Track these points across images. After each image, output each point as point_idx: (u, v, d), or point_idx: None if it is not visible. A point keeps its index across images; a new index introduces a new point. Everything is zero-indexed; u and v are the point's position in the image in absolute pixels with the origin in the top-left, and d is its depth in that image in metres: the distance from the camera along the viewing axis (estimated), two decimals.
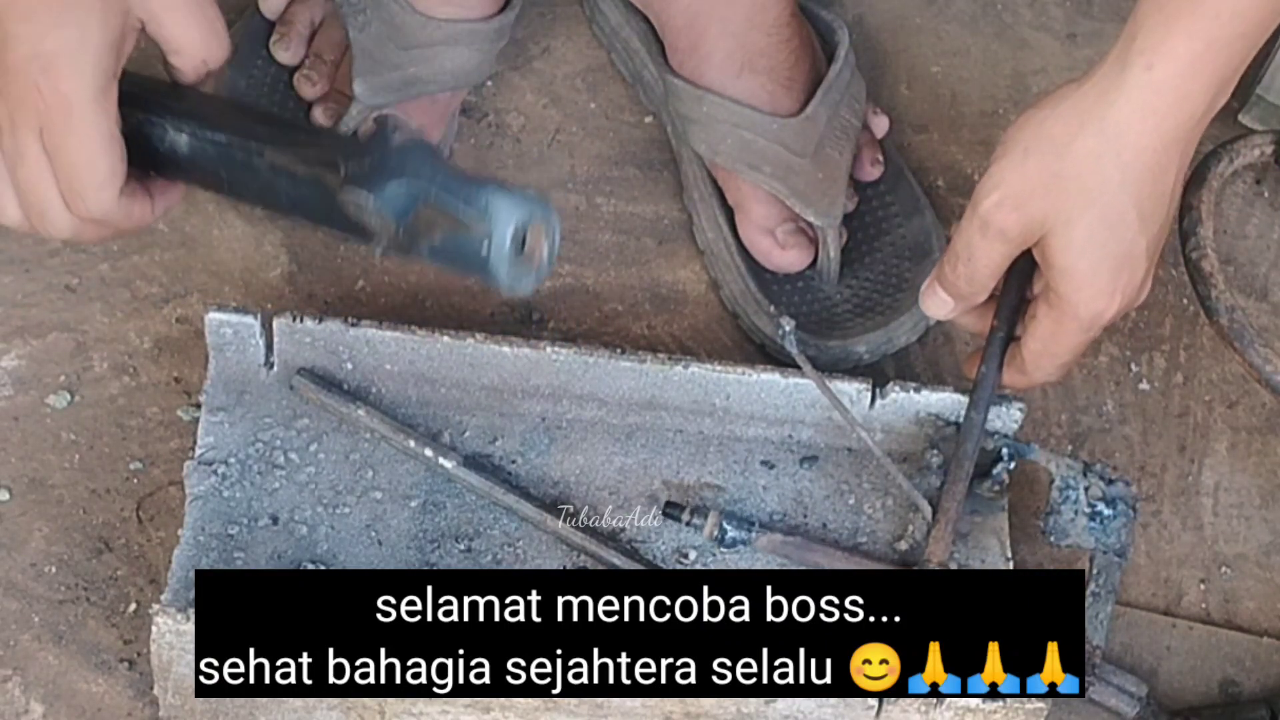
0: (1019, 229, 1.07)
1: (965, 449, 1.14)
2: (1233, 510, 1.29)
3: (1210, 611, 1.25)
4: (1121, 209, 1.05)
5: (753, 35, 1.30)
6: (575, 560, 1.16)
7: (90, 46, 1.01)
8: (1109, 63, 1.05)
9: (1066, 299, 1.08)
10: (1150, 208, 1.06)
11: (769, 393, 1.20)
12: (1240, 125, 1.44)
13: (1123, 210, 1.05)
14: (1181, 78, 1.04)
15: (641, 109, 1.40)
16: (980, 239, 1.08)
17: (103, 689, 1.13)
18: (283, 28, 1.33)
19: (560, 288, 1.32)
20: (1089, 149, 1.05)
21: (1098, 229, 1.06)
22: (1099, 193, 1.05)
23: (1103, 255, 1.06)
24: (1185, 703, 1.21)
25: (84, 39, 1.01)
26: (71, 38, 1.01)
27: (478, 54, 1.31)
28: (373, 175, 1.02)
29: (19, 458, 1.20)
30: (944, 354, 1.32)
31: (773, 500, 1.20)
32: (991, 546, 1.19)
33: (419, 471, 1.18)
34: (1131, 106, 1.04)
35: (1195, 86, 1.04)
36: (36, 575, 1.16)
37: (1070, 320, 1.09)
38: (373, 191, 1.01)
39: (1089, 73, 1.06)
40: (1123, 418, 1.31)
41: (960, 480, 1.14)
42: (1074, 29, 1.47)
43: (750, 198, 1.30)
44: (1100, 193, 1.05)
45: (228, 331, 1.17)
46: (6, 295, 1.25)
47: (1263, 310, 1.37)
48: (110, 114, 1.03)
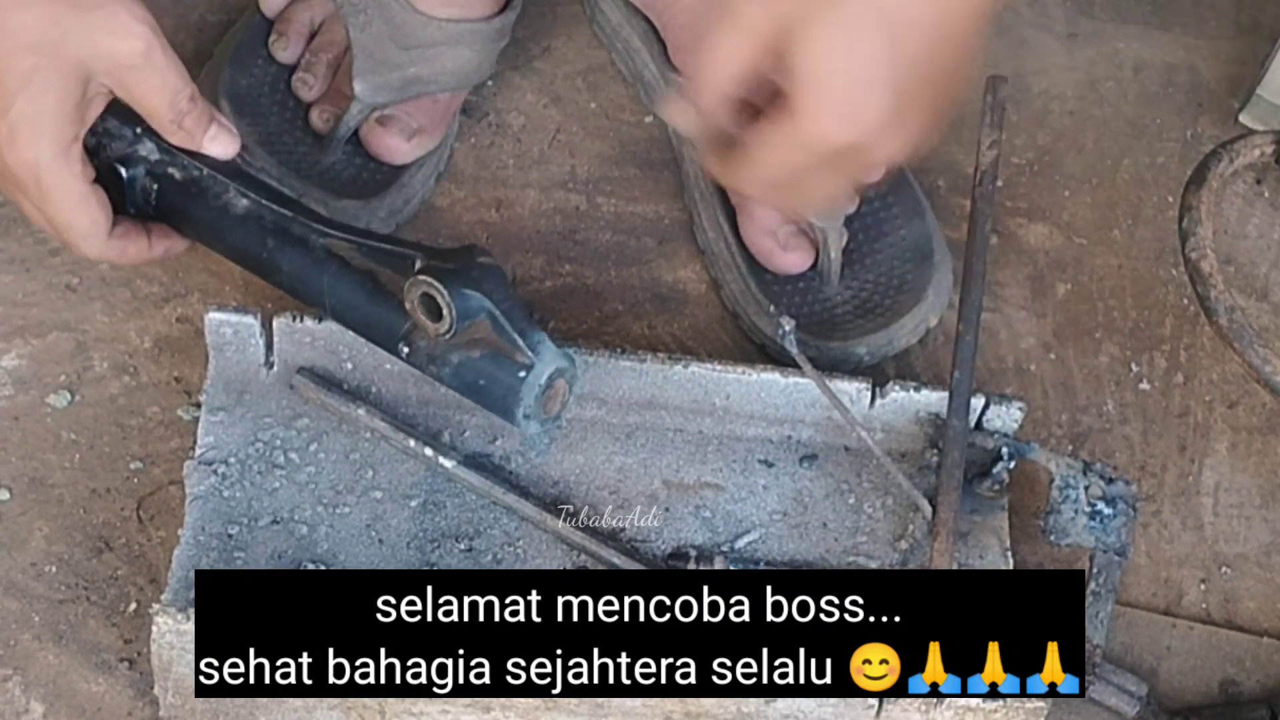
0: (764, 24, 1.01)
1: (953, 457, 1.14)
2: (1233, 510, 1.29)
3: (1210, 611, 1.25)
4: (866, 26, 0.99)
5: None
6: (575, 560, 1.16)
7: (46, 116, 1.08)
8: None
9: (793, 108, 1.01)
10: (907, 39, 0.99)
11: (769, 392, 1.20)
12: (1240, 125, 1.44)
13: (867, 29, 0.99)
14: None
15: (642, 109, 1.40)
16: (725, 30, 1.03)
17: (103, 689, 1.13)
18: (281, 26, 1.33)
19: (560, 287, 1.32)
20: None
21: (835, 39, 0.99)
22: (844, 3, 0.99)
23: (842, 68, 0.99)
24: (1185, 703, 1.21)
25: (40, 109, 1.08)
26: (29, 109, 1.08)
27: (478, 54, 1.31)
28: (450, 275, 1.08)
29: (19, 457, 1.20)
30: (944, 354, 1.32)
31: (773, 500, 1.20)
32: (991, 546, 1.19)
33: (419, 471, 1.18)
34: None
35: None
36: (37, 575, 1.16)
37: (791, 132, 1.01)
38: (449, 287, 1.07)
39: None
40: (1123, 417, 1.31)
41: (953, 490, 1.13)
42: (1074, 29, 1.47)
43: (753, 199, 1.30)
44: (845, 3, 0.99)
45: (228, 331, 1.17)
46: (7, 295, 1.25)
47: (1263, 310, 1.37)
48: (75, 173, 1.11)
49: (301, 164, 1.30)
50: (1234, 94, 1.47)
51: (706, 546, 1.18)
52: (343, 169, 1.31)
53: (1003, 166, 1.41)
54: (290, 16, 1.33)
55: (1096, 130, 1.44)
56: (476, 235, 1.33)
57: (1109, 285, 1.37)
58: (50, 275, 1.26)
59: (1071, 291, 1.37)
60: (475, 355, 1.09)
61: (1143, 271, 1.38)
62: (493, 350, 1.09)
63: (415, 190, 1.32)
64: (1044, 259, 1.38)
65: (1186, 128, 1.45)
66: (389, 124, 1.30)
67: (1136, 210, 1.41)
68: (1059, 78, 1.46)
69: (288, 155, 1.29)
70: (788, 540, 1.18)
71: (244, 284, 1.28)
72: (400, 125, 1.30)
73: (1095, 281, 1.37)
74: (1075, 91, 1.46)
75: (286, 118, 1.31)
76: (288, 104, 1.32)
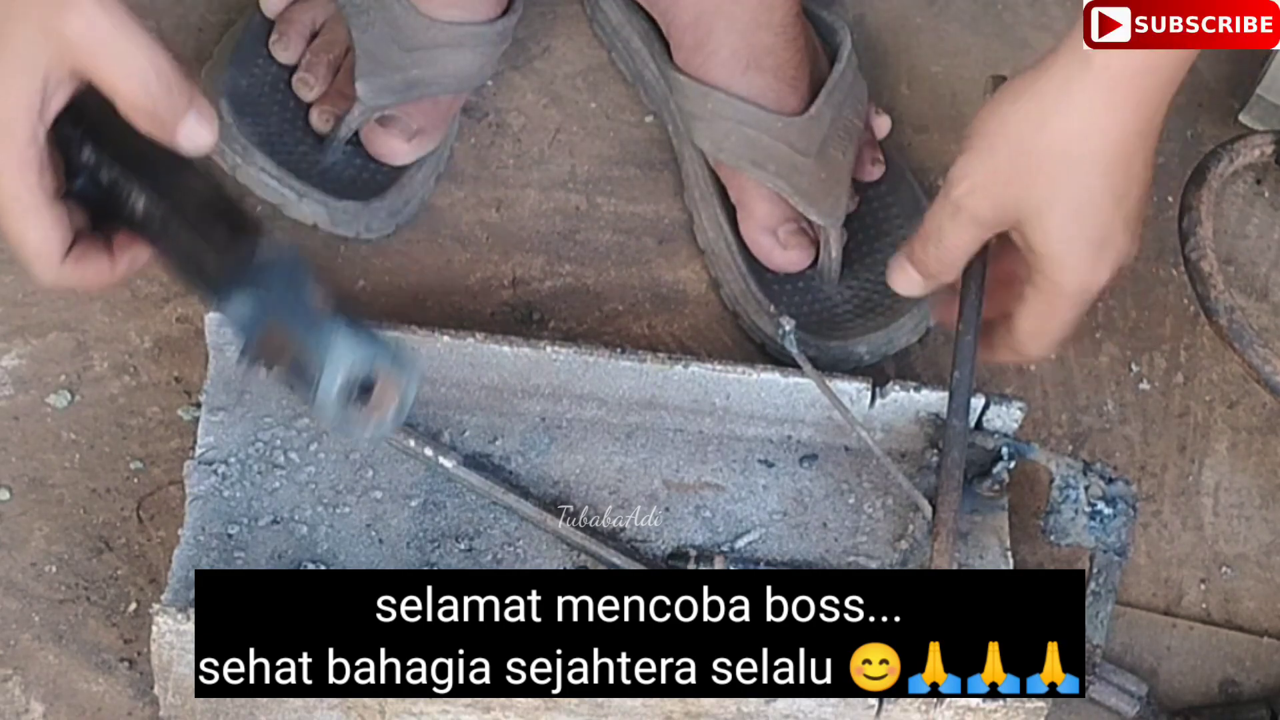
0: (992, 214, 1.09)
1: (953, 457, 1.14)
2: (1233, 510, 1.29)
3: (1210, 611, 1.25)
4: (1092, 192, 1.07)
5: (759, 33, 1.30)
6: (575, 560, 1.16)
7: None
8: (1065, 51, 1.06)
9: (1051, 279, 1.09)
10: (1123, 186, 1.07)
11: (769, 392, 1.20)
12: (1240, 125, 1.44)
13: (1094, 193, 1.07)
14: (1136, 72, 1.05)
15: (642, 108, 1.40)
16: (951, 223, 1.10)
17: (103, 689, 1.13)
18: (282, 26, 1.33)
19: (560, 287, 1.32)
20: (1055, 139, 1.06)
21: (1072, 213, 1.07)
22: (1068, 179, 1.06)
23: (1080, 236, 1.08)
24: (1185, 703, 1.21)
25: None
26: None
27: (480, 57, 1.31)
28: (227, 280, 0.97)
29: (19, 457, 1.20)
30: (944, 354, 1.32)
31: (773, 500, 1.20)
32: (991, 546, 1.19)
33: (419, 471, 1.18)
34: (1090, 99, 1.05)
35: (1150, 80, 1.06)
36: (37, 575, 1.16)
37: (1058, 298, 1.10)
38: (221, 298, 0.97)
39: (1045, 62, 1.07)
40: (1123, 417, 1.31)
41: (953, 490, 1.13)
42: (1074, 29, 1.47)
43: (753, 196, 1.30)
44: (1070, 179, 1.06)
45: (228, 331, 1.17)
46: (7, 295, 1.25)
47: (1263, 310, 1.37)
48: (29, 184, 0.98)
49: (301, 164, 1.30)
50: (1234, 94, 1.46)
51: (706, 546, 1.18)
52: (343, 169, 1.31)
53: None
54: (291, 17, 1.33)
55: None
56: (477, 235, 1.33)
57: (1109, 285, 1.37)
58: None
59: None
60: (285, 363, 0.97)
61: (1143, 271, 1.38)
62: (296, 353, 0.97)
63: (415, 191, 1.32)
64: None
65: (1186, 128, 1.45)
66: (389, 125, 1.30)
67: None
68: None
69: (288, 155, 1.29)
70: (788, 540, 1.18)
71: None
72: (400, 126, 1.30)
73: None
74: None
75: (286, 118, 1.31)
76: (288, 104, 1.31)
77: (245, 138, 1.29)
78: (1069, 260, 1.08)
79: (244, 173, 1.29)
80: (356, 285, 1.29)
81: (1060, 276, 1.09)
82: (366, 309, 1.28)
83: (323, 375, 0.95)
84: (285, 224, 1.30)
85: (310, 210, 1.29)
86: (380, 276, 1.30)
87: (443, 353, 1.18)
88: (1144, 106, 1.06)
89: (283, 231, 1.30)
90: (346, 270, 1.30)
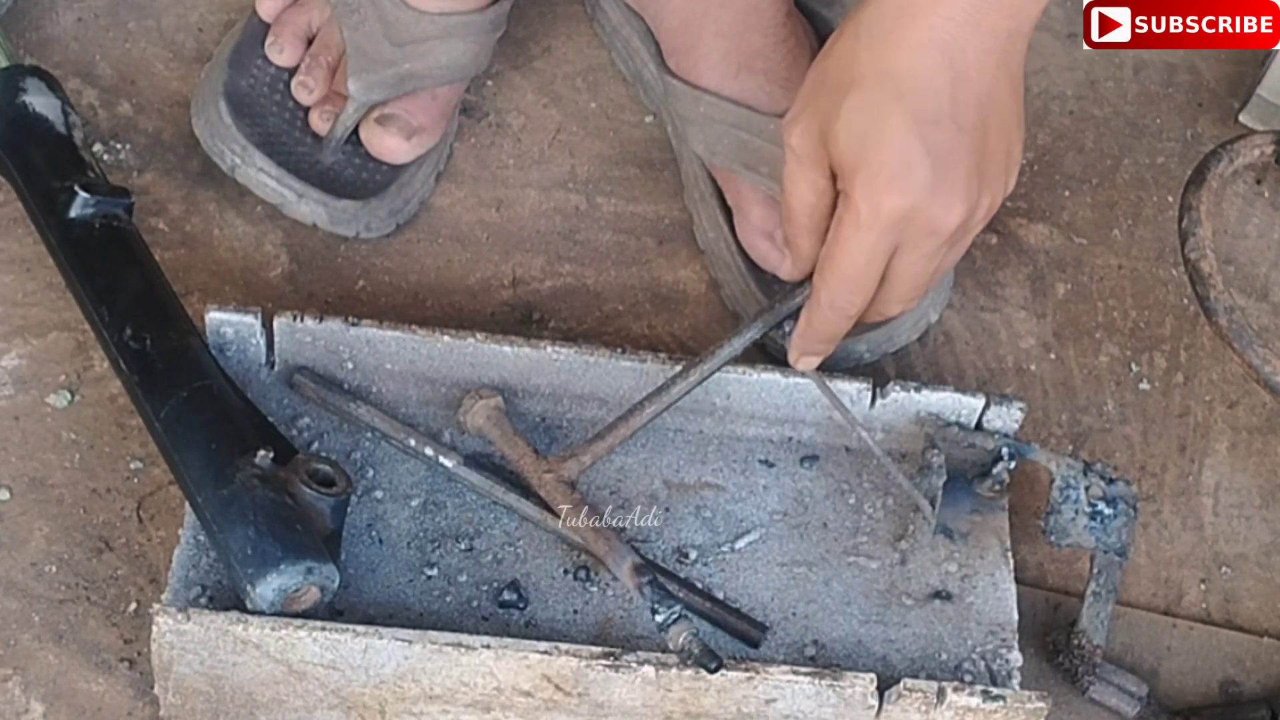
0: (806, 142, 1.07)
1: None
2: (1233, 510, 1.29)
3: (1210, 611, 1.25)
4: (883, 100, 1.04)
5: (749, 36, 1.30)
6: (575, 559, 1.16)
7: None
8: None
9: (848, 195, 1.07)
10: (925, 104, 1.05)
11: (769, 392, 1.20)
12: (1240, 125, 1.44)
13: (885, 102, 1.04)
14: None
15: (642, 109, 1.40)
16: (788, 172, 1.09)
17: (103, 688, 1.13)
18: (277, 29, 1.32)
19: (560, 287, 1.32)
20: (844, 48, 1.06)
21: (860, 120, 1.05)
22: (854, 85, 1.05)
23: (870, 143, 1.05)
24: (1185, 703, 1.21)
25: None
26: None
27: (473, 46, 1.31)
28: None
29: (19, 457, 1.20)
30: (944, 353, 1.32)
31: (773, 500, 1.20)
32: (991, 546, 1.19)
33: (419, 470, 1.18)
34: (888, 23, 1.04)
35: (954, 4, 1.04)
36: (37, 575, 1.16)
37: (852, 215, 1.07)
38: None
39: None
40: (1123, 417, 1.31)
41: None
42: (1074, 29, 1.47)
43: (749, 199, 1.30)
44: (855, 85, 1.05)
45: (228, 331, 1.17)
46: (7, 295, 1.25)
47: (1263, 310, 1.37)
48: None
49: (301, 164, 1.30)
50: (1234, 94, 1.47)
51: (706, 546, 1.18)
52: (343, 169, 1.31)
53: None
54: (286, 20, 1.33)
55: (1096, 130, 1.44)
56: (477, 235, 1.33)
57: (1109, 285, 1.37)
58: (50, 275, 1.25)
59: (1071, 291, 1.37)
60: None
61: (1143, 271, 1.38)
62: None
63: (415, 190, 1.32)
64: (1044, 259, 1.38)
65: (1186, 128, 1.45)
66: (388, 123, 1.30)
67: (1136, 210, 1.41)
68: (1059, 78, 1.46)
69: (288, 156, 1.29)
70: (788, 540, 1.18)
71: (244, 284, 1.28)
72: (399, 124, 1.30)
73: (1095, 281, 1.37)
74: (1075, 91, 1.46)
75: (286, 118, 1.31)
76: (287, 105, 1.31)
77: (245, 138, 1.29)
78: (863, 170, 1.05)
79: (243, 173, 1.29)
80: (356, 285, 1.29)
81: (855, 189, 1.06)
82: (366, 309, 1.28)
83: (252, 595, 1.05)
84: (285, 224, 1.30)
85: (310, 210, 1.29)
86: (380, 276, 1.30)
87: (443, 353, 1.18)
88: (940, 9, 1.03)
89: (283, 230, 1.30)
90: (346, 270, 1.30)
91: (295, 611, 1.06)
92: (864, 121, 1.05)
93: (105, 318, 1.14)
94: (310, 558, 1.05)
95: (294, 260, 1.30)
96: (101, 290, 1.16)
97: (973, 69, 1.05)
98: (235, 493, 1.06)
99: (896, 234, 1.07)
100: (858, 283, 1.10)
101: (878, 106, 1.05)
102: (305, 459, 1.09)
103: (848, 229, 1.07)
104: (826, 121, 1.07)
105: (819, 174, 1.09)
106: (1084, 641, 1.15)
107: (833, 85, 1.06)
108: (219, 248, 1.30)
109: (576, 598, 1.15)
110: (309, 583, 1.05)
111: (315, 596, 1.06)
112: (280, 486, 1.07)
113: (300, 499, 1.07)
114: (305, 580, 1.05)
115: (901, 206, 1.05)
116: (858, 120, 1.05)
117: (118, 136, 1.33)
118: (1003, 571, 1.18)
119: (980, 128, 1.06)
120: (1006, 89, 1.07)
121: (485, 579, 1.15)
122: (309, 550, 1.05)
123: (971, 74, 1.05)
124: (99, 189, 1.18)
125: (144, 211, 1.28)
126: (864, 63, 1.05)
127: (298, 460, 1.09)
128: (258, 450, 1.07)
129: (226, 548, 1.05)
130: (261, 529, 1.05)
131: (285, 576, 1.04)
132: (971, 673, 1.14)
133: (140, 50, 1.37)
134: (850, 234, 1.07)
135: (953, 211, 1.06)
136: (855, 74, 1.05)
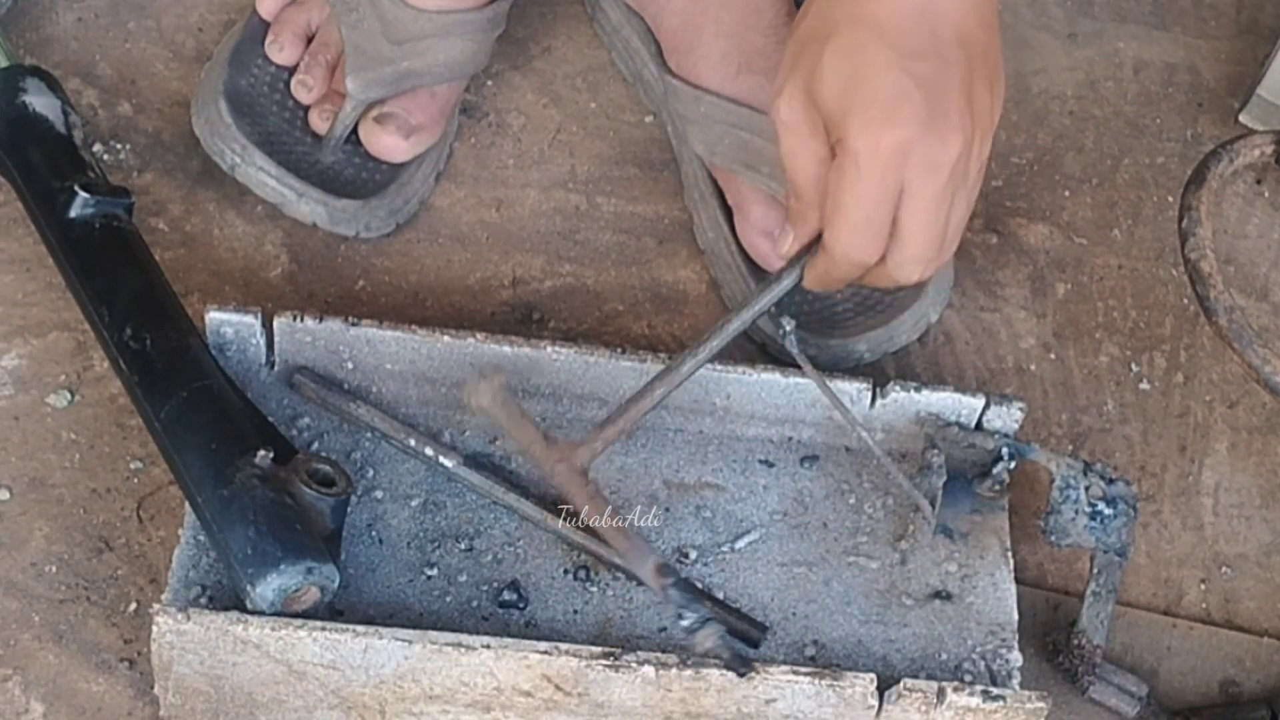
0: (796, 108, 1.07)
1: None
2: (1233, 510, 1.29)
3: (1210, 611, 1.25)
4: (863, 42, 1.04)
5: (749, 36, 1.30)
6: (575, 559, 1.16)
7: None
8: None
9: (843, 141, 1.06)
10: (906, 41, 1.04)
11: (769, 392, 1.20)
12: (1240, 125, 1.44)
13: (865, 44, 1.04)
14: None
15: (642, 109, 1.40)
16: (783, 145, 1.09)
17: (103, 688, 1.13)
18: (277, 28, 1.32)
19: (560, 287, 1.32)
20: (818, 8, 1.06)
21: (844, 64, 1.04)
22: (833, 34, 1.05)
23: (855, 83, 1.05)
24: (1185, 703, 1.21)
25: None
26: None
27: (472, 44, 1.31)
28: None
29: (19, 457, 1.20)
30: (944, 353, 1.32)
31: (773, 500, 1.20)
32: (992, 546, 1.19)
33: (419, 471, 1.18)
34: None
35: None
36: (37, 575, 1.16)
37: (850, 162, 1.06)
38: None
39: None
40: (1123, 417, 1.31)
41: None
42: (1074, 29, 1.47)
43: (749, 199, 1.30)
44: (834, 34, 1.05)
45: (228, 331, 1.17)
46: (7, 295, 1.25)
47: (1263, 310, 1.37)
48: None
49: (301, 163, 1.30)
50: (1234, 94, 1.47)
51: (706, 546, 1.18)
52: (342, 169, 1.31)
53: (1003, 166, 1.41)
54: (285, 19, 1.33)
55: (1096, 130, 1.44)
56: (477, 235, 1.33)
57: (1109, 285, 1.37)
58: (50, 275, 1.25)
59: (1071, 291, 1.37)
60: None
61: (1143, 271, 1.38)
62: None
63: (415, 189, 1.32)
64: (1044, 259, 1.38)
65: (1186, 128, 1.45)
66: (386, 121, 1.30)
67: (1136, 210, 1.41)
68: (1059, 78, 1.46)
69: (288, 155, 1.29)
70: (788, 540, 1.18)
71: (244, 284, 1.28)
72: (398, 123, 1.30)
73: (1095, 281, 1.37)
74: (1075, 91, 1.46)
75: (286, 118, 1.31)
76: (287, 104, 1.31)
77: (244, 137, 1.29)
78: (852, 110, 1.04)
79: (243, 172, 1.29)
80: (356, 285, 1.29)
81: (846, 132, 1.05)
82: (366, 309, 1.28)
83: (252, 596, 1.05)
84: (285, 223, 1.30)
85: (309, 209, 1.29)
86: (380, 276, 1.30)
87: (443, 353, 1.18)
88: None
89: (283, 230, 1.30)
90: (346, 270, 1.30)
91: (295, 611, 1.06)
92: (848, 63, 1.05)
93: (105, 318, 1.14)
94: (310, 558, 1.05)
95: (294, 260, 1.30)
96: (101, 290, 1.16)
97: (949, 7, 1.05)
98: (235, 493, 1.06)
99: (898, 173, 1.06)
100: (868, 227, 1.08)
101: (860, 46, 1.04)
102: (305, 459, 1.09)
103: (849, 174, 1.06)
104: (810, 78, 1.06)
105: (817, 140, 1.08)
106: (1084, 641, 1.15)
107: (811, 42, 1.06)
108: (219, 248, 1.30)
109: (576, 598, 1.15)
110: (309, 583, 1.05)
111: (315, 596, 1.06)
112: (280, 486, 1.07)
113: (300, 499, 1.07)
114: (305, 580, 1.05)
115: (898, 139, 1.04)
116: (842, 63, 1.05)
117: (118, 136, 1.33)
118: (1003, 571, 1.18)
119: (963, 61, 1.06)
120: (983, 25, 1.07)
121: (485, 579, 1.15)
122: (309, 550, 1.05)
123: (949, 12, 1.05)
124: (99, 189, 1.18)
125: (144, 211, 1.28)
126: (840, 15, 1.05)
127: (298, 460, 1.09)
128: (258, 450, 1.07)
129: (226, 548, 1.05)
130: (261, 529, 1.05)
131: (285, 576, 1.04)
132: (971, 673, 1.14)
133: (140, 50, 1.37)
134: (853, 178, 1.06)
135: (950, 143, 1.05)
136: (832, 26, 1.05)
